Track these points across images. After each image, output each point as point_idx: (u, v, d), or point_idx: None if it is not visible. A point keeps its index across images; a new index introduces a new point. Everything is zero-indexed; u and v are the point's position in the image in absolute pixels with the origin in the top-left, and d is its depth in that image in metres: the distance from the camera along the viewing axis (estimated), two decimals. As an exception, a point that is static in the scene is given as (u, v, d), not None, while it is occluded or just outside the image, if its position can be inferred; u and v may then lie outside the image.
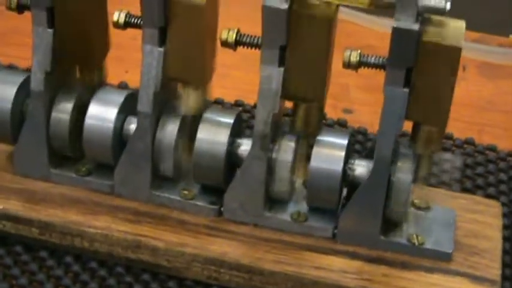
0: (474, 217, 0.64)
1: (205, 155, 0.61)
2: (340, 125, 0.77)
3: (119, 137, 0.63)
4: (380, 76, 0.57)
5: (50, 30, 0.60)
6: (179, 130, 0.61)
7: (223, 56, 0.64)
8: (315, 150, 0.60)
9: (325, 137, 0.60)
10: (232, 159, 0.61)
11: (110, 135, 0.62)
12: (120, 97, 0.63)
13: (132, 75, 0.79)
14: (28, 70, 0.64)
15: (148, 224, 0.62)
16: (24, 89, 0.64)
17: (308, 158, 0.61)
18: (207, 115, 0.62)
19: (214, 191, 0.63)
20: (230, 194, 0.61)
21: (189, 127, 0.62)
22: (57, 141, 0.63)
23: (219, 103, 0.78)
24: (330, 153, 0.60)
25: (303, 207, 0.62)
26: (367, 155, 0.62)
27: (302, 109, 0.60)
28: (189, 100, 0.61)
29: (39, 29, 0.61)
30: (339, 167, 0.59)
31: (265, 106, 0.58)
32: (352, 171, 0.60)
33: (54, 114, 0.63)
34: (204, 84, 0.60)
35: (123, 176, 0.63)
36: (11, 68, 0.78)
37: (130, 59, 0.70)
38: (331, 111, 0.78)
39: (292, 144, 0.60)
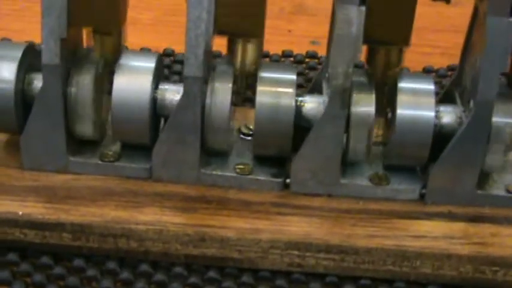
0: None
1: (269, 121, 0.51)
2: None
3: (154, 109, 0.51)
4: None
5: (64, -14, 0.48)
6: (233, 94, 0.51)
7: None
8: (401, 97, 0.51)
9: (409, 83, 0.51)
10: (297, 122, 0.51)
11: (146, 108, 0.51)
12: (150, 61, 0.51)
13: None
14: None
15: (206, 211, 0.51)
16: (23, 64, 0.52)
17: (385, 109, 0.52)
18: (264, 74, 0.51)
19: (273, 162, 0.53)
20: (299, 162, 0.52)
21: (242, 89, 0.52)
22: (77, 122, 0.51)
23: (287, 56, 0.67)
24: (418, 99, 0.51)
25: (379, 168, 0.54)
26: (443, 99, 0.54)
27: (381, 54, 0.50)
28: (243, 57, 0.50)
29: (48, -14, 0.48)
30: (430, 114, 0.51)
31: (344, 55, 0.49)
32: (439, 120, 0.52)
33: (72, 90, 0.51)
34: (263, 36, 0.50)
35: (165, 155, 0.52)
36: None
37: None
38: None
39: (372, 96, 0.51)
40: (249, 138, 0.55)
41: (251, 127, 0.55)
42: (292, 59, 0.68)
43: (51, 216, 0.50)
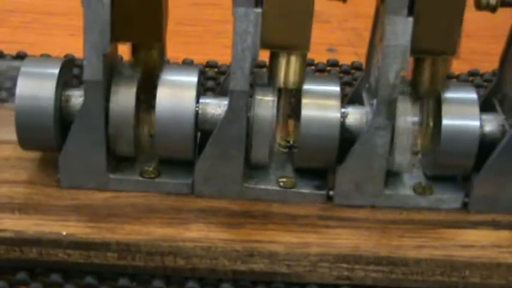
0: None
1: (315, 134, 0.50)
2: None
3: (196, 124, 0.51)
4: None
5: (107, 0, 0.47)
6: (278, 108, 0.50)
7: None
8: (446, 107, 0.51)
9: (452, 93, 0.51)
10: (341, 134, 0.51)
11: (191, 123, 0.50)
12: (192, 75, 0.51)
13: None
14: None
15: (252, 226, 0.50)
16: (61, 81, 0.51)
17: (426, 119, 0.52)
18: (309, 86, 0.51)
19: (315, 174, 0.53)
20: (343, 174, 0.51)
21: (287, 103, 0.51)
22: (118, 139, 0.50)
23: (309, 64, 0.66)
24: (463, 109, 0.51)
25: (421, 178, 0.53)
26: (482, 107, 0.54)
27: (428, 64, 0.50)
28: (286, 69, 0.50)
29: (91, 1, 0.47)
30: (476, 124, 0.51)
31: (391, 66, 0.48)
32: (482, 128, 0.51)
33: (113, 106, 0.50)
34: (308, 48, 0.49)
35: (208, 170, 0.51)
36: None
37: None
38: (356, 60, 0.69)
39: (416, 107, 0.51)
40: (286, 150, 0.55)
41: (289, 139, 0.55)
42: (313, 67, 0.67)
43: (96, 236, 0.49)
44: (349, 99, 0.54)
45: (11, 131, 0.52)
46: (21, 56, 0.67)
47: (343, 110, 0.51)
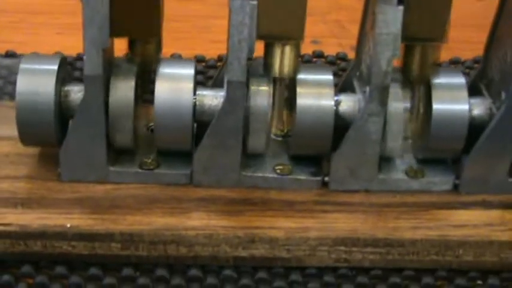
0: None
1: (310, 122, 0.52)
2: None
3: (194, 116, 0.52)
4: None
5: (106, -4, 0.48)
6: (273, 97, 0.52)
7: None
8: (436, 92, 0.52)
9: (443, 79, 0.53)
10: (335, 121, 0.52)
11: (189, 115, 0.51)
12: (189, 68, 0.52)
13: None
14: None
15: (252, 212, 0.52)
16: (59, 77, 0.52)
17: (420, 105, 0.53)
18: (303, 76, 0.52)
19: (310, 161, 0.54)
20: (338, 160, 0.53)
21: (281, 92, 0.53)
22: (118, 132, 0.51)
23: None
24: (453, 94, 0.52)
25: (412, 162, 0.55)
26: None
27: (418, 51, 0.52)
28: (283, 61, 0.51)
29: (91, -3, 0.48)
30: (465, 108, 0.52)
31: (383, 53, 0.50)
32: (471, 112, 0.53)
33: (113, 100, 0.51)
34: (302, 38, 0.51)
35: (206, 160, 0.52)
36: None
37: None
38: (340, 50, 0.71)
39: (407, 93, 0.52)
40: (281, 139, 0.56)
41: (283, 128, 0.56)
42: (299, 59, 0.69)
43: (99, 227, 0.50)
44: (340, 87, 0.55)
45: (9, 128, 0.53)
46: (10, 55, 0.68)
47: (336, 97, 0.53)
